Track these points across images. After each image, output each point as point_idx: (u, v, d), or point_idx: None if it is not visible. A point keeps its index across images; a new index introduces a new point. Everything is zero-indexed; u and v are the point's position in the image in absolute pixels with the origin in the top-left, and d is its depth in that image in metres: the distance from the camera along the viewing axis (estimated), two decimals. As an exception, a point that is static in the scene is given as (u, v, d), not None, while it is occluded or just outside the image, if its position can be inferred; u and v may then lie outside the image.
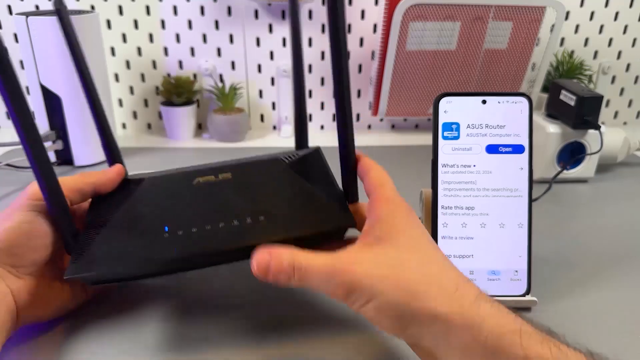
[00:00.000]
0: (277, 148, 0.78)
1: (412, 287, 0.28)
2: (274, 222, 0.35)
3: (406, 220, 0.31)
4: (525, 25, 0.73)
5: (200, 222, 0.35)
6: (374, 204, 0.33)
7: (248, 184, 0.39)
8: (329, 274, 0.29)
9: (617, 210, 0.59)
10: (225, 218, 0.36)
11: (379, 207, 0.32)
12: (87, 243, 0.35)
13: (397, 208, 0.32)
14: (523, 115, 0.40)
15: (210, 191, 0.39)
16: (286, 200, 0.37)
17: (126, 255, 0.34)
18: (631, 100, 0.91)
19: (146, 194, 0.39)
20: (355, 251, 0.30)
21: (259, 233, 0.34)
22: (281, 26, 0.80)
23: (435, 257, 0.30)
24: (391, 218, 0.31)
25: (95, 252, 0.34)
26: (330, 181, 0.39)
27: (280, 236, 0.34)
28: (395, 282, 0.28)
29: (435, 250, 0.31)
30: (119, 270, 0.33)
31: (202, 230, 0.35)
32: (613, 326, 0.39)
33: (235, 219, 0.35)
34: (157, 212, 0.37)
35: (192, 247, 0.34)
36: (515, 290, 0.40)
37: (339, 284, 0.29)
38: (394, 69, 0.75)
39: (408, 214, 0.32)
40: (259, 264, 0.30)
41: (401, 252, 0.30)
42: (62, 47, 0.63)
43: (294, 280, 0.30)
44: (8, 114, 0.31)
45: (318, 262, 0.29)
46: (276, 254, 0.30)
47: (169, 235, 0.35)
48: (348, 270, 0.29)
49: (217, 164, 0.42)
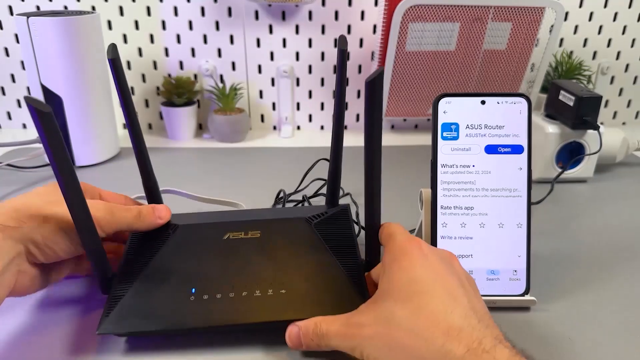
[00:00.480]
0: (277, 148, 0.79)
1: (402, 346, 0.29)
2: (292, 299, 0.37)
3: (407, 265, 0.32)
4: (525, 25, 0.73)
5: (225, 289, 0.38)
6: (384, 255, 0.35)
7: (274, 246, 0.42)
8: (342, 338, 0.32)
9: (616, 210, 0.59)
10: (248, 286, 0.38)
11: (385, 256, 0.35)
12: (119, 295, 0.37)
13: (398, 255, 0.33)
14: (522, 116, 0.40)
15: (238, 249, 0.42)
16: (308, 272, 0.39)
17: (154, 317, 0.36)
18: (630, 100, 0.91)
19: (178, 245, 0.42)
20: (364, 310, 0.33)
21: (276, 310, 0.37)
22: (281, 27, 0.81)
23: (429, 306, 0.30)
24: (391, 268, 0.33)
25: (127, 308, 0.36)
26: (353, 249, 0.42)
27: (294, 317, 0.36)
28: (388, 341, 0.30)
29: (433, 295, 0.30)
30: (146, 329, 0.36)
31: (225, 297, 0.37)
32: (612, 325, 0.39)
33: (257, 289, 0.38)
34: (187, 270, 0.40)
35: (213, 319, 0.36)
36: (514, 290, 0.40)
37: (352, 347, 0.32)
38: (394, 69, 0.75)
39: (410, 257, 0.33)
40: (291, 338, 0.35)
41: (396, 307, 0.31)
42: (62, 48, 0.64)
43: (322, 346, 0.34)
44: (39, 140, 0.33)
45: (334, 327, 0.33)
46: (304, 327, 0.34)
47: (195, 299, 0.37)
48: (355, 335, 0.32)
49: (248, 218, 0.46)
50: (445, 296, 0.30)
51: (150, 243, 0.42)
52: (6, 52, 0.80)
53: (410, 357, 0.28)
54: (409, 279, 0.31)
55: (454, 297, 0.30)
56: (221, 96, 0.79)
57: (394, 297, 0.31)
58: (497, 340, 0.28)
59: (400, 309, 0.30)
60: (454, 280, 0.32)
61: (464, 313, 0.29)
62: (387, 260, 0.34)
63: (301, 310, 0.36)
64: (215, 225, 0.44)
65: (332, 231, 0.44)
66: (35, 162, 0.69)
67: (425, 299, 0.30)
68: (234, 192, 0.58)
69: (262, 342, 0.37)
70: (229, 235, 0.43)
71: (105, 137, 0.72)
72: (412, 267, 0.32)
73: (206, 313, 0.36)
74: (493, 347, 0.27)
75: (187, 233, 0.43)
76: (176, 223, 0.44)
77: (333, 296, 0.37)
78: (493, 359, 0.26)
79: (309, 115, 0.88)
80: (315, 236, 0.43)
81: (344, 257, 0.41)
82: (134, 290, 0.38)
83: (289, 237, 0.43)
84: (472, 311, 0.30)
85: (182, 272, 0.39)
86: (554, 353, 0.36)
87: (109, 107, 0.72)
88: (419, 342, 0.28)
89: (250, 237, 0.43)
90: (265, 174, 0.67)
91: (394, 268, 0.33)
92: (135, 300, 0.37)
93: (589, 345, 0.37)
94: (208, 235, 0.43)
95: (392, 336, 0.30)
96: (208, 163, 0.73)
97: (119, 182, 0.59)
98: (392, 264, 0.33)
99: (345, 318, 0.33)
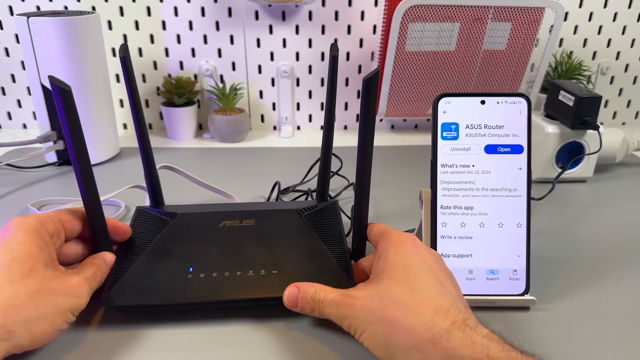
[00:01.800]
0: (278, 148, 0.79)
1: (394, 318, 0.31)
2: (284, 278, 0.39)
3: (403, 251, 0.35)
4: (524, 26, 0.73)
5: (221, 268, 0.40)
6: (379, 245, 0.38)
7: (267, 233, 0.45)
8: (336, 306, 0.34)
9: (616, 210, 0.59)
10: (242, 267, 0.40)
11: (380, 245, 0.37)
12: (121, 273, 0.40)
13: (394, 242, 0.36)
14: (522, 116, 0.40)
15: (234, 235, 0.44)
16: (298, 256, 0.42)
17: (153, 291, 0.38)
18: (630, 100, 0.91)
19: (177, 230, 0.45)
20: (359, 287, 0.35)
21: (269, 287, 0.39)
22: (281, 27, 0.81)
23: (422, 286, 0.33)
24: (387, 253, 0.36)
25: (128, 283, 0.39)
26: (340, 239, 0.44)
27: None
28: (381, 313, 0.32)
29: (425, 279, 0.33)
30: (145, 302, 0.38)
31: (221, 276, 0.40)
32: (612, 325, 0.39)
33: (250, 269, 0.40)
34: (184, 252, 0.42)
35: (209, 294, 0.38)
36: (514, 289, 0.40)
37: (343, 316, 0.34)
38: (394, 69, 0.75)
39: (406, 245, 0.36)
40: (289, 297, 0.37)
41: (391, 284, 0.33)
42: (63, 48, 0.64)
43: (315, 311, 0.36)
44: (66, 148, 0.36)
45: (330, 296, 0.35)
46: (303, 289, 0.36)
47: (192, 277, 0.39)
48: (349, 304, 0.34)
49: (244, 208, 0.49)
50: (436, 283, 0.33)
51: (150, 228, 0.45)
52: (6, 52, 0.80)
53: (401, 328, 0.31)
54: (404, 264, 0.34)
55: (444, 286, 0.33)
56: (221, 96, 0.79)
57: (390, 277, 0.34)
58: (478, 323, 0.31)
59: (396, 286, 0.33)
60: (443, 273, 0.34)
61: (451, 299, 0.32)
62: (382, 248, 0.37)
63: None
64: (212, 214, 0.47)
65: (321, 222, 0.47)
66: (35, 162, 0.69)
67: (419, 281, 0.33)
68: (234, 191, 0.59)
69: (253, 317, 0.39)
70: (224, 223, 0.46)
71: (106, 137, 0.72)
72: (407, 253, 0.35)
73: (202, 289, 0.38)
74: (475, 325, 0.30)
75: (185, 220, 0.46)
76: (175, 212, 0.47)
77: (322, 278, 0.39)
78: (475, 332, 0.30)
79: (309, 115, 0.88)
80: (306, 226, 0.46)
81: (332, 245, 0.44)
82: (134, 268, 0.40)
83: (281, 226, 0.46)
84: (459, 299, 0.33)
85: (180, 253, 0.42)
86: (553, 353, 0.36)
87: (109, 107, 0.72)
88: (410, 315, 0.31)
89: (244, 225, 0.45)
90: (265, 174, 0.67)
91: (390, 253, 0.35)
92: (136, 277, 0.39)
93: (589, 345, 0.37)
94: (205, 223, 0.46)
95: (385, 309, 0.32)
96: (208, 163, 0.73)
97: (119, 182, 0.59)
98: (388, 250, 0.36)
99: (343, 291, 0.35)
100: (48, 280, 0.33)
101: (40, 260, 0.34)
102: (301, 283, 0.37)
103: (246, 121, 0.81)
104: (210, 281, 0.39)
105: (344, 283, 0.39)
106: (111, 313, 0.39)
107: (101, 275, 0.38)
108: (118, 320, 0.39)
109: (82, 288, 0.35)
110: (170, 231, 0.45)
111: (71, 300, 0.34)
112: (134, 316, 0.39)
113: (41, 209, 0.57)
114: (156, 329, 0.38)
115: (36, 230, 0.35)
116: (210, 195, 0.59)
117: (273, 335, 0.38)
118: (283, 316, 0.39)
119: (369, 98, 0.36)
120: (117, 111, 0.84)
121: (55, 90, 0.32)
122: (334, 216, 0.48)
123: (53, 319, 0.33)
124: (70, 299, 0.34)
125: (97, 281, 0.37)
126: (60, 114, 0.33)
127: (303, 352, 0.36)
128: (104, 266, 0.39)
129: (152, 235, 0.44)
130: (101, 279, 0.38)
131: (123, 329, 0.38)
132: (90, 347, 0.36)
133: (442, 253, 0.40)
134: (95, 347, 0.36)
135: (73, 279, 0.35)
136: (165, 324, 0.38)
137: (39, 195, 0.60)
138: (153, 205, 0.50)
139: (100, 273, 0.38)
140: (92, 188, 0.37)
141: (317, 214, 0.48)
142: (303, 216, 0.47)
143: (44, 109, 0.67)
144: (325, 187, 0.51)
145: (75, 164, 0.35)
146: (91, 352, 0.36)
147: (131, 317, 0.39)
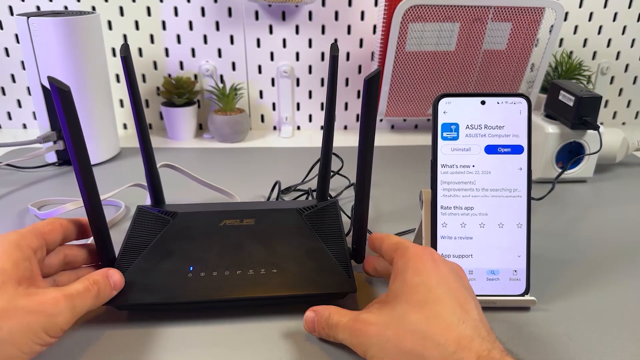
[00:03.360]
0: (278, 148, 0.79)
1: (413, 349, 0.29)
2: (284, 277, 0.39)
3: (421, 270, 0.33)
4: (524, 26, 0.73)
5: (221, 267, 0.40)
6: (395, 262, 0.35)
7: (267, 233, 0.45)
8: (349, 332, 0.33)
9: (616, 210, 0.59)
10: (242, 266, 0.40)
11: (396, 263, 0.35)
12: (122, 271, 0.39)
13: (412, 258, 0.34)
14: (522, 116, 0.40)
15: (234, 234, 0.44)
16: (298, 255, 0.42)
17: (154, 290, 0.38)
18: (630, 100, 0.91)
19: (177, 229, 0.45)
20: (373, 310, 0.33)
21: (269, 286, 0.39)
22: (281, 27, 0.81)
23: (442, 313, 0.30)
24: (405, 273, 0.33)
25: (129, 282, 0.38)
26: (340, 239, 0.44)
27: (285, 292, 0.39)
28: (398, 343, 0.30)
29: (445, 304, 0.31)
30: (146, 301, 0.38)
31: (221, 275, 0.40)
32: (612, 325, 0.39)
33: (250, 269, 0.40)
34: (185, 251, 0.42)
35: (210, 293, 0.38)
36: (514, 290, 0.40)
37: (357, 343, 0.32)
38: (394, 69, 0.75)
39: (423, 261, 0.33)
40: (307, 322, 0.36)
41: (409, 310, 0.31)
42: (63, 48, 0.64)
43: (330, 336, 0.35)
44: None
45: (344, 320, 0.34)
46: (319, 312, 0.36)
47: (192, 276, 0.39)
48: (362, 331, 0.32)
49: (244, 207, 0.49)
50: (457, 307, 0.31)
51: (151, 227, 0.45)
52: (6, 52, 0.80)
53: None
54: (423, 286, 0.32)
55: (466, 310, 0.31)
56: (221, 96, 0.79)
57: (407, 301, 0.32)
58: (504, 353, 0.29)
59: (413, 313, 0.31)
60: (464, 292, 0.32)
61: (474, 324, 0.30)
62: (399, 266, 0.34)
63: (291, 288, 0.39)
64: (212, 213, 0.47)
65: (321, 221, 0.47)
66: (35, 162, 0.69)
67: (438, 307, 0.31)
68: (234, 192, 0.59)
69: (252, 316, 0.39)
70: (225, 222, 0.46)
71: (106, 137, 0.72)
72: (425, 273, 0.33)
73: (203, 288, 0.39)
74: (501, 357, 0.28)
75: (186, 219, 0.46)
76: (175, 211, 0.47)
77: (322, 277, 0.39)
78: None
79: (309, 115, 0.88)
80: (306, 225, 0.46)
81: (332, 244, 0.44)
82: (135, 267, 0.40)
83: (281, 225, 0.46)
84: (481, 323, 0.31)
85: (180, 252, 0.42)
86: (554, 353, 0.36)
87: (109, 107, 0.72)
88: (430, 347, 0.29)
89: (245, 224, 0.46)
90: (265, 174, 0.67)
91: (409, 273, 0.33)
92: (137, 276, 0.39)
93: (589, 345, 0.37)
94: (205, 222, 0.46)
95: (403, 339, 0.30)
96: (208, 163, 0.73)
97: (119, 182, 0.59)
98: (406, 269, 0.33)
99: (356, 314, 0.34)
100: (17, 298, 0.30)
101: (13, 277, 0.31)
102: (317, 307, 0.36)
103: (246, 121, 0.81)
104: (211, 280, 0.39)
105: (344, 283, 0.39)
106: (111, 312, 0.39)
107: (97, 292, 0.35)
108: (118, 320, 0.39)
109: (58, 305, 0.32)
110: (171, 230, 0.45)
111: (43, 319, 0.31)
112: (134, 315, 0.39)
113: (41, 209, 0.57)
114: (156, 328, 0.38)
115: (17, 245, 0.33)
116: (210, 194, 0.59)
117: (273, 334, 0.38)
118: (283, 315, 0.39)
119: (370, 98, 0.37)
120: (117, 111, 0.84)
121: (54, 91, 0.32)
122: (334, 216, 0.48)
123: (21, 341, 0.30)
124: (41, 317, 0.31)
125: (88, 297, 0.34)
126: (59, 114, 0.34)
127: (303, 351, 0.36)
128: (102, 282, 0.36)
129: (153, 234, 0.44)
130: (96, 295, 0.35)
131: (123, 329, 0.38)
132: (91, 347, 0.36)
133: (442, 253, 0.40)
134: (95, 347, 0.36)
135: (49, 295, 0.32)
136: (165, 323, 0.39)
137: (39, 196, 0.60)
138: (154, 204, 0.50)
139: (97, 289, 0.35)
140: (93, 188, 0.37)
141: (317, 213, 0.48)
142: (303, 216, 0.47)
143: (44, 109, 0.67)
144: (326, 186, 0.51)
145: (75, 164, 0.36)
146: (91, 352, 0.36)
147: (131, 316, 0.39)
